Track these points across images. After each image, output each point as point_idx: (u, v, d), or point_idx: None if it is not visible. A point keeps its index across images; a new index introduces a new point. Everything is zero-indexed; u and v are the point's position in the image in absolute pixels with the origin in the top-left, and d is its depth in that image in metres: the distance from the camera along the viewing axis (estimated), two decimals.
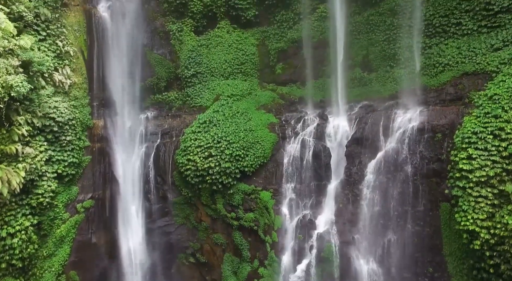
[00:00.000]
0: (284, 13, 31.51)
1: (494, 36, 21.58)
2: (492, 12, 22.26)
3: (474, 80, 20.83)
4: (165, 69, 30.09)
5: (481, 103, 18.13)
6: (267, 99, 28.64)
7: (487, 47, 21.39)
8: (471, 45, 22.08)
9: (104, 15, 27.23)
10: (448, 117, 20.20)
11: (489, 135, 16.71)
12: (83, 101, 24.12)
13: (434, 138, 20.29)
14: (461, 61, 22.09)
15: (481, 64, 21.02)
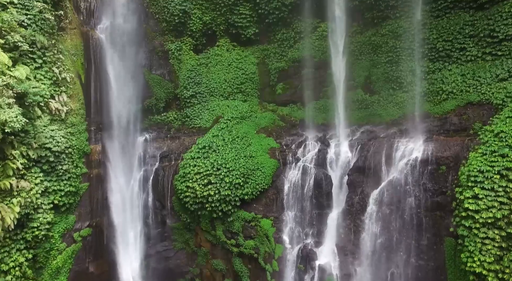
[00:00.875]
0: (284, 31, 31.10)
1: (499, 65, 21.15)
2: (497, 40, 21.84)
3: (479, 111, 20.39)
4: (164, 89, 29.64)
5: (487, 139, 17.69)
6: (268, 121, 28.20)
7: (492, 76, 20.96)
8: (476, 74, 21.64)
9: (101, 36, 26.77)
10: (453, 149, 19.75)
11: (496, 175, 16.27)
12: (80, 127, 23.65)
13: (438, 170, 19.85)
14: (465, 90, 21.66)
15: (486, 95, 20.60)
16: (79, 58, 24.87)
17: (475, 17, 23.51)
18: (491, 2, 23.09)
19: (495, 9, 22.59)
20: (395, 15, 27.45)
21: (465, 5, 24.50)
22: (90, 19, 27.52)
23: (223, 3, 30.79)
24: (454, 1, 24.88)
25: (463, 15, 24.38)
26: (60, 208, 21.96)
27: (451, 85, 22.31)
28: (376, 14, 28.15)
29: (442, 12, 25.44)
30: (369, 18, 28.62)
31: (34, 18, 21.53)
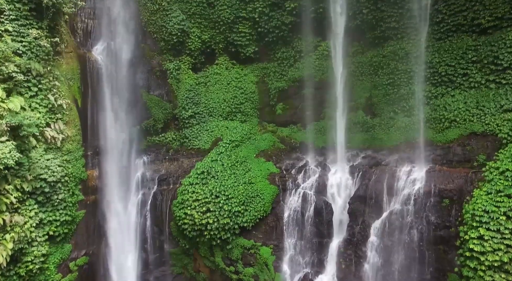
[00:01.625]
0: (284, 50, 30.70)
1: (503, 94, 20.73)
2: (501, 68, 21.44)
3: (483, 142, 20.00)
4: (162, 110, 29.23)
5: (492, 177, 17.28)
6: (267, 144, 27.78)
7: (497, 107, 20.56)
8: (479, 102, 21.23)
9: (98, 58, 26.36)
10: (456, 181, 19.35)
11: (502, 216, 15.87)
12: (77, 154, 23.23)
13: (441, 203, 19.44)
14: (469, 119, 21.25)
15: (490, 125, 20.19)
16: (75, 82, 24.44)
17: (478, 42, 23.10)
18: (494, 28, 22.69)
19: (498, 35, 22.19)
20: (397, 36, 27.06)
21: (468, 28, 24.10)
22: (87, 41, 27.15)
23: (222, 21, 30.41)
24: (456, 25, 24.48)
25: (466, 39, 23.98)
26: (56, 238, 21.55)
27: (454, 113, 21.88)
28: (377, 34, 27.76)
29: (444, 35, 25.04)
30: (370, 38, 28.23)
31: (29, 45, 21.10)
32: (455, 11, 24.41)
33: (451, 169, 20.17)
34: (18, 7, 21.12)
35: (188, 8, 29.86)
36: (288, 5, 29.47)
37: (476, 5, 23.51)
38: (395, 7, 26.80)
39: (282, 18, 29.76)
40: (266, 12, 29.78)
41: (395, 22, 26.89)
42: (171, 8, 29.13)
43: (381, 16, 27.34)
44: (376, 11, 27.53)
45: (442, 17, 24.95)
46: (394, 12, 26.84)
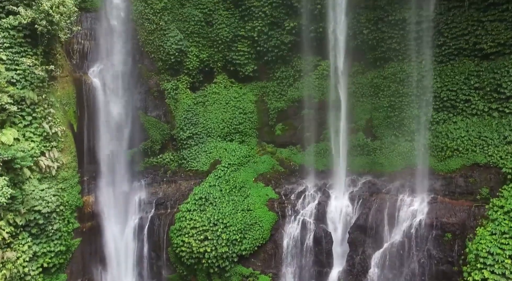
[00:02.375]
0: (283, 70, 30.31)
1: (506, 125, 20.32)
2: (504, 96, 21.04)
3: (486, 175, 19.59)
4: (160, 131, 28.85)
5: (496, 217, 16.88)
6: (266, 167, 27.37)
7: (500, 138, 20.16)
8: (482, 132, 20.82)
9: (95, 81, 25.98)
10: (458, 215, 18.95)
11: (507, 259, 15.46)
12: (72, 181, 22.84)
13: (443, 237, 19.05)
14: (471, 149, 20.84)
15: (493, 157, 19.79)
16: (71, 107, 24.06)
17: (481, 68, 22.73)
18: (496, 54, 22.31)
19: (501, 62, 21.80)
20: (398, 57, 26.69)
21: (470, 53, 23.75)
22: (83, 63, 26.73)
23: (220, 40, 30.05)
24: (458, 48, 24.14)
25: (468, 63, 23.59)
26: (50, 270, 21.15)
27: (456, 141, 21.47)
28: (378, 55, 27.40)
29: (446, 58, 24.68)
30: (370, 58, 27.86)
31: (23, 73, 20.75)
32: (456, 35, 24.04)
33: (453, 201, 19.76)
34: (13, 35, 20.78)
35: (186, 27, 29.49)
36: (288, 25, 29.12)
37: (478, 30, 23.14)
38: (396, 28, 26.43)
39: (282, 37, 29.39)
40: (265, 31, 29.42)
41: (396, 43, 26.51)
42: (168, 27, 28.75)
43: (382, 37, 26.98)
44: (377, 31, 27.18)
45: (444, 40, 24.58)
46: (395, 33, 26.48)
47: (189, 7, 29.52)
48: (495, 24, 22.17)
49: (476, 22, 23.18)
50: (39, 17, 20.59)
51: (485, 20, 22.71)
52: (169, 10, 28.90)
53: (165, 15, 28.66)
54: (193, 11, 29.53)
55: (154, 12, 28.45)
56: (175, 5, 29.18)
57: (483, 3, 22.89)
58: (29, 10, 20.70)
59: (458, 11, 23.99)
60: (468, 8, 23.49)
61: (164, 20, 28.60)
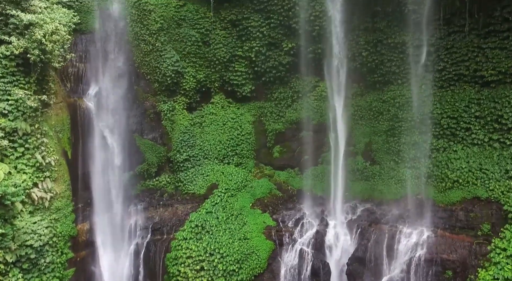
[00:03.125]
0: (282, 91, 29.95)
1: (508, 158, 19.95)
2: (505, 127, 20.66)
3: (487, 210, 19.22)
4: (156, 154, 28.46)
5: (499, 260, 16.53)
6: (264, 191, 26.97)
7: (501, 172, 19.80)
8: (483, 165, 20.45)
9: (90, 105, 25.62)
10: (459, 251, 18.59)
11: None
12: (66, 210, 22.44)
13: (444, 274, 18.69)
14: (472, 182, 20.47)
15: (494, 192, 19.43)
16: (65, 134, 23.69)
17: (481, 96, 22.36)
18: (497, 82, 21.92)
19: (501, 91, 21.44)
20: (397, 81, 26.37)
21: (470, 79, 23.36)
22: (78, 86, 26.34)
23: (217, 60, 29.68)
24: (458, 74, 23.78)
25: (469, 89, 23.23)
26: None
27: (457, 173, 21.10)
28: (377, 78, 27.06)
29: (446, 83, 24.32)
30: (370, 81, 27.52)
31: (15, 104, 20.36)
32: (457, 60, 23.69)
33: (453, 235, 19.40)
34: (5, 64, 20.42)
35: (182, 47, 29.10)
36: (286, 45, 28.78)
37: (479, 56, 22.78)
38: (395, 52, 26.11)
39: (280, 58, 29.03)
40: (263, 51, 29.07)
41: (395, 66, 26.18)
42: (165, 48, 28.37)
43: (381, 59, 26.64)
44: (376, 54, 26.83)
45: (444, 66, 24.22)
46: (395, 57, 26.15)
47: (185, 27, 29.13)
48: (496, 52, 21.81)
49: (476, 49, 22.82)
50: (32, 46, 20.21)
51: (485, 47, 22.36)
52: (166, 31, 28.51)
53: (161, 35, 28.28)
54: (190, 31, 29.14)
55: (150, 33, 28.10)
56: (172, 25, 28.79)
57: (483, 30, 22.54)
58: (22, 39, 20.33)
59: (458, 36, 23.64)
60: (468, 34, 23.15)
61: (160, 41, 28.22)
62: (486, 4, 21.93)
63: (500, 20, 21.66)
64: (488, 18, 22.16)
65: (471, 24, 22.97)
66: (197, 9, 29.58)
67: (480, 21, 22.29)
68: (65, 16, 22.04)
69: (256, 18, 28.87)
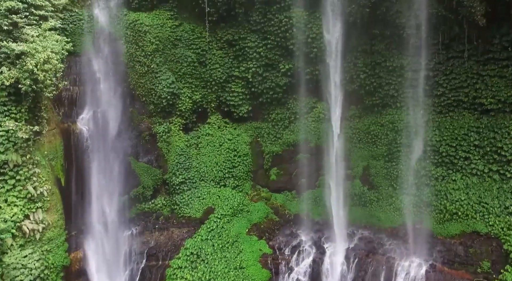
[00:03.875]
0: (279, 112, 29.60)
1: (508, 192, 19.59)
2: (505, 159, 20.28)
3: (487, 246, 18.86)
4: (152, 177, 28.11)
5: None
6: (260, 216, 26.60)
7: (501, 207, 19.42)
8: (482, 198, 20.09)
9: (84, 129, 25.24)
10: None
11: None
12: (59, 240, 22.08)
13: None
14: (471, 216, 20.12)
15: (494, 228, 19.08)
16: (58, 161, 23.34)
17: (481, 124, 22.01)
18: (496, 110, 21.55)
19: (501, 121, 21.08)
20: (396, 104, 26.04)
21: (469, 106, 23.02)
22: (72, 110, 25.96)
23: (214, 81, 29.35)
24: (457, 100, 23.43)
25: (468, 116, 22.89)
26: None
27: (456, 204, 20.74)
28: (375, 101, 26.74)
29: (445, 109, 23.99)
30: (368, 103, 27.18)
31: (6, 135, 20.01)
32: (456, 86, 23.37)
33: (452, 271, 19.03)
34: None
35: (178, 68, 28.74)
36: (283, 67, 28.43)
37: (478, 83, 22.43)
38: (394, 75, 25.78)
39: (277, 79, 28.68)
40: (259, 72, 28.74)
41: (393, 90, 25.86)
42: (160, 70, 28.00)
43: (379, 82, 26.31)
44: (374, 76, 26.50)
45: (443, 91, 23.89)
46: (393, 80, 25.82)
47: (181, 48, 28.78)
48: (495, 80, 21.46)
49: (475, 75, 22.48)
50: (23, 76, 19.88)
51: (484, 74, 22.01)
52: (161, 52, 28.14)
53: (157, 57, 27.92)
54: (186, 52, 28.80)
55: (145, 54, 27.74)
56: (167, 45, 28.44)
57: (482, 56, 22.19)
58: (13, 69, 20.00)
59: (457, 61, 23.29)
60: (467, 60, 22.79)
61: (155, 62, 27.86)
62: (485, 31, 21.56)
63: (499, 48, 21.31)
64: (487, 45, 21.81)
65: (470, 50, 22.62)
66: (193, 29, 29.25)
67: (479, 48, 21.90)
68: (57, 43, 21.68)
69: (253, 38, 28.54)
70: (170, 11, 28.99)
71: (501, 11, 20.47)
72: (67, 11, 26.20)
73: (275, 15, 27.53)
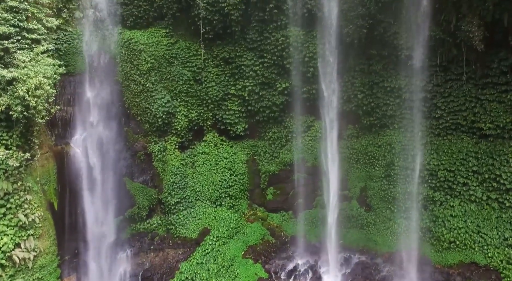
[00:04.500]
0: (275, 130, 29.27)
1: (507, 222, 19.27)
2: (504, 188, 19.95)
3: (486, 279, 18.52)
4: (147, 197, 27.74)
5: None
6: (256, 237, 26.27)
7: (500, 239, 19.08)
8: (481, 227, 19.76)
9: (78, 151, 24.93)
10: None
11: None
12: (51, 267, 21.75)
13: None
14: (469, 245, 19.79)
15: (493, 260, 18.76)
16: (51, 185, 23.03)
17: (479, 149, 21.70)
18: (495, 136, 21.22)
19: (499, 147, 20.75)
20: (393, 125, 25.72)
21: (468, 129, 22.68)
22: (66, 131, 25.64)
23: (210, 99, 29.05)
24: (455, 124, 23.09)
25: (466, 140, 22.57)
26: None
27: (454, 232, 20.42)
28: (373, 121, 26.42)
29: (443, 131, 23.65)
30: (366, 123, 26.86)
31: None
32: (454, 110, 23.06)
33: None
34: None
35: (174, 86, 28.43)
36: (280, 85, 28.14)
37: (477, 107, 22.11)
38: (392, 96, 25.48)
39: (273, 98, 28.38)
40: (256, 91, 28.43)
41: (391, 110, 25.56)
42: (155, 89, 27.68)
43: (377, 103, 25.99)
44: (372, 96, 26.20)
45: (441, 114, 23.57)
46: (391, 101, 25.52)
47: (177, 66, 28.48)
48: (494, 105, 21.14)
49: (474, 99, 22.17)
50: (14, 102, 19.56)
51: (483, 98, 21.71)
52: (156, 70, 27.83)
53: (152, 75, 27.59)
54: (181, 70, 28.50)
55: (140, 73, 27.41)
56: (163, 63, 28.13)
57: (481, 80, 21.88)
58: (4, 96, 19.67)
59: (455, 84, 22.98)
60: (466, 82, 22.50)
61: (151, 81, 27.53)
62: (484, 55, 21.24)
63: (497, 73, 21.01)
64: (486, 69, 21.51)
65: (468, 73, 22.32)
66: (189, 46, 28.97)
67: (478, 71, 21.59)
68: (50, 67, 21.35)
69: (249, 56, 28.25)
70: (165, 29, 28.71)
71: (499, 37, 20.16)
72: (61, 31, 25.89)
73: (272, 34, 27.25)
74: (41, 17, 22.44)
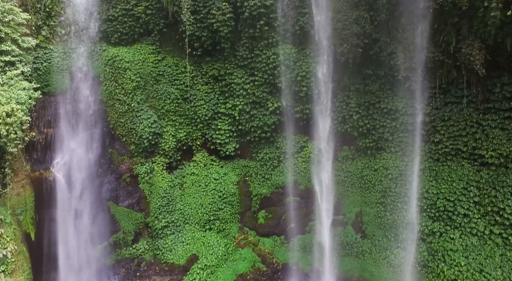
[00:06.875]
0: (267, 151, 27.98)
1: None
2: (508, 222, 18.69)
3: None
4: (133, 221, 26.49)
5: None
6: (246, 265, 25.03)
7: (505, 280, 17.79)
8: (484, 266, 18.51)
9: (58, 176, 23.73)
10: None
11: None
12: None
13: None
14: None
15: None
16: (28, 214, 21.82)
17: (481, 178, 20.44)
18: (498, 165, 19.97)
19: (502, 178, 19.50)
20: (390, 149, 24.44)
21: (468, 156, 21.43)
22: (45, 155, 24.35)
23: (199, 118, 27.80)
24: (455, 149, 21.83)
25: (467, 167, 21.32)
26: None
27: (454, 269, 19.16)
28: (369, 143, 25.13)
29: (443, 157, 22.38)
30: (361, 145, 25.57)
31: None
32: (454, 135, 21.78)
33: None
34: None
35: (161, 105, 27.16)
36: (271, 105, 26.89)
37: (478, 133, 20.85)
38: (388, 118, 24.23)
39: (265, 118, 27.10)
40: (247, 110, 27.18)
41: (388, 133, 24.30)
42: (141, 108, 26.40)
43: (373, 124, 24.76)
44: (368, 117, 24.95)
45: (441, 138, 22.31)
46: (387, 123, 24.27)
47: (164, 84, 27.23)
48: (496, 132, 19.89)
49: (475, 124, 20.91)
50: None
51: (485, 124, 20.45)
52: (142, 89, 26.56)
53: (138, 94, 26.31)
54: (169, 88, 27.24)
55: (125, 92, 26.15)
56: (149, 82, 26.87)
57: (482, 105, 20.62)
58: None
59: (455, 107, 21.73)
60: (466, 106, 21.23)
61: (136, 100, 26.25)
62: (485, 78, 20.00)
63: (500, 98, 19.75)
64: (488, 93, 20.25)
65: (469, 96, 21.08)
66: (176, 63, 27.74)
67: (479, 95, 20.35)
68: (24, 92, 20.11)
69: (240, 74, 27.01)
70: (152, 45, 27.46)
71: (502, 60, 18.93)
72: (41, 49, 24.62)
73: (263, 51, 26.02)
74: (16, 37, 21.16)
